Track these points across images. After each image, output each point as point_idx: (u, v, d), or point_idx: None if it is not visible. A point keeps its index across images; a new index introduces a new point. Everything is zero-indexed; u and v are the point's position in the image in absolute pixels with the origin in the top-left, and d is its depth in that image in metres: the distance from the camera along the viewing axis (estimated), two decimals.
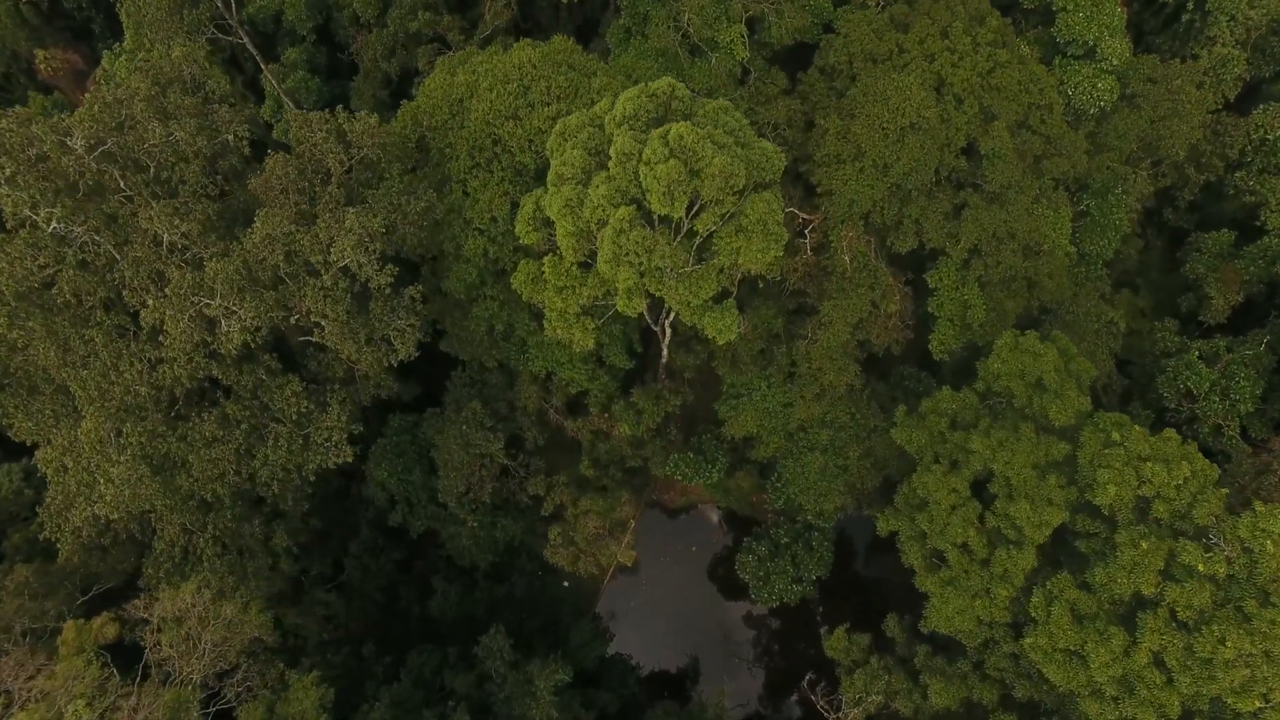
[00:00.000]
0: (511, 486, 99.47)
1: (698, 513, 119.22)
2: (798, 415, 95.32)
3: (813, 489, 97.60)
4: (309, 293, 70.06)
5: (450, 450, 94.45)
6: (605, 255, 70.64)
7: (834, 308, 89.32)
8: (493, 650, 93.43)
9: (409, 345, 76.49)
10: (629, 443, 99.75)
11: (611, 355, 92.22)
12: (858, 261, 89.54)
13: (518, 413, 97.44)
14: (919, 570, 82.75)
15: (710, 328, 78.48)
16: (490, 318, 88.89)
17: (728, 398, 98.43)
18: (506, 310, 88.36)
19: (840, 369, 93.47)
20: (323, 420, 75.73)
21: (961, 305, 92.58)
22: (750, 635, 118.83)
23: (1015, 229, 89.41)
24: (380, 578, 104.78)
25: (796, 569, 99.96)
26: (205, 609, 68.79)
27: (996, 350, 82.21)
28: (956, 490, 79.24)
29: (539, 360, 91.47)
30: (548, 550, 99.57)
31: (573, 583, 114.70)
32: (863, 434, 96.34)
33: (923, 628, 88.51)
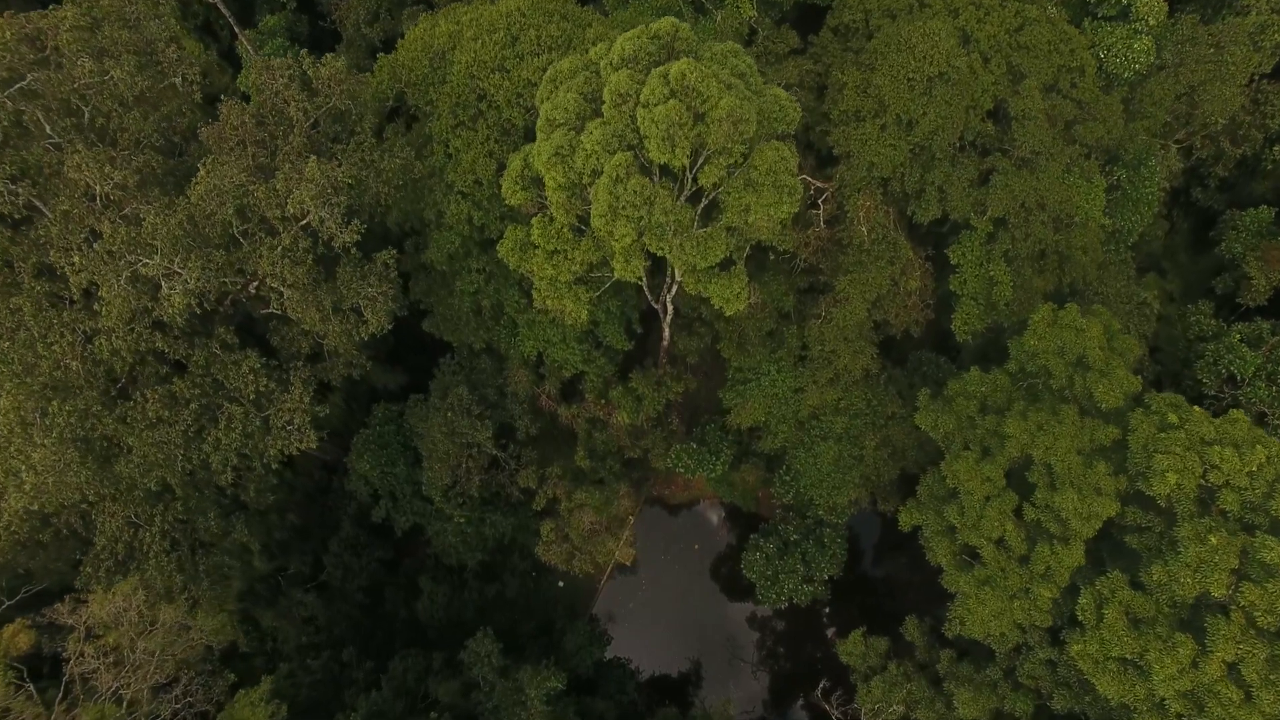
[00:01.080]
0: (501, 479, 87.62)
1: (700, 509, 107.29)
2: (809, 402, 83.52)
3: (826, 481, 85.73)
4: (265, 254, 58.27)
5: (434, 439, 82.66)
6: (599, 208, 59.10)
7: (851, 282, 77.57)
8: (480, 655, 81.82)
9: (380, 315, 64.68)
10: (627, 432, 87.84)
11: (608, 334, 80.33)
12: (876, 233, 77.82)
13: (508, 400, 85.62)
14: (949, 569, 70.76)
15: (717, 296, 66.84)
16: (476, 292, 77.03)
17: (734, 384, 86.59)
18: (493, 285, 76.57)
19: (856, 351, 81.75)
20: (283, 401, 63.80)
21: (986, 283, 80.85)
22: (754, 638, 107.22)
23: (1046, 198, 77.74)
24: (363, 577, 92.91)
25: (807, 568, 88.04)
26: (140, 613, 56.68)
27: (1033, 326, 70.42)
28: (991, 479, 67.37)
29: (529, 341, 79.61)
30: (540, 547, 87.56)
31: (568, 583, 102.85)
32: (880, 421, 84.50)
33: (947, 631, 76.81)
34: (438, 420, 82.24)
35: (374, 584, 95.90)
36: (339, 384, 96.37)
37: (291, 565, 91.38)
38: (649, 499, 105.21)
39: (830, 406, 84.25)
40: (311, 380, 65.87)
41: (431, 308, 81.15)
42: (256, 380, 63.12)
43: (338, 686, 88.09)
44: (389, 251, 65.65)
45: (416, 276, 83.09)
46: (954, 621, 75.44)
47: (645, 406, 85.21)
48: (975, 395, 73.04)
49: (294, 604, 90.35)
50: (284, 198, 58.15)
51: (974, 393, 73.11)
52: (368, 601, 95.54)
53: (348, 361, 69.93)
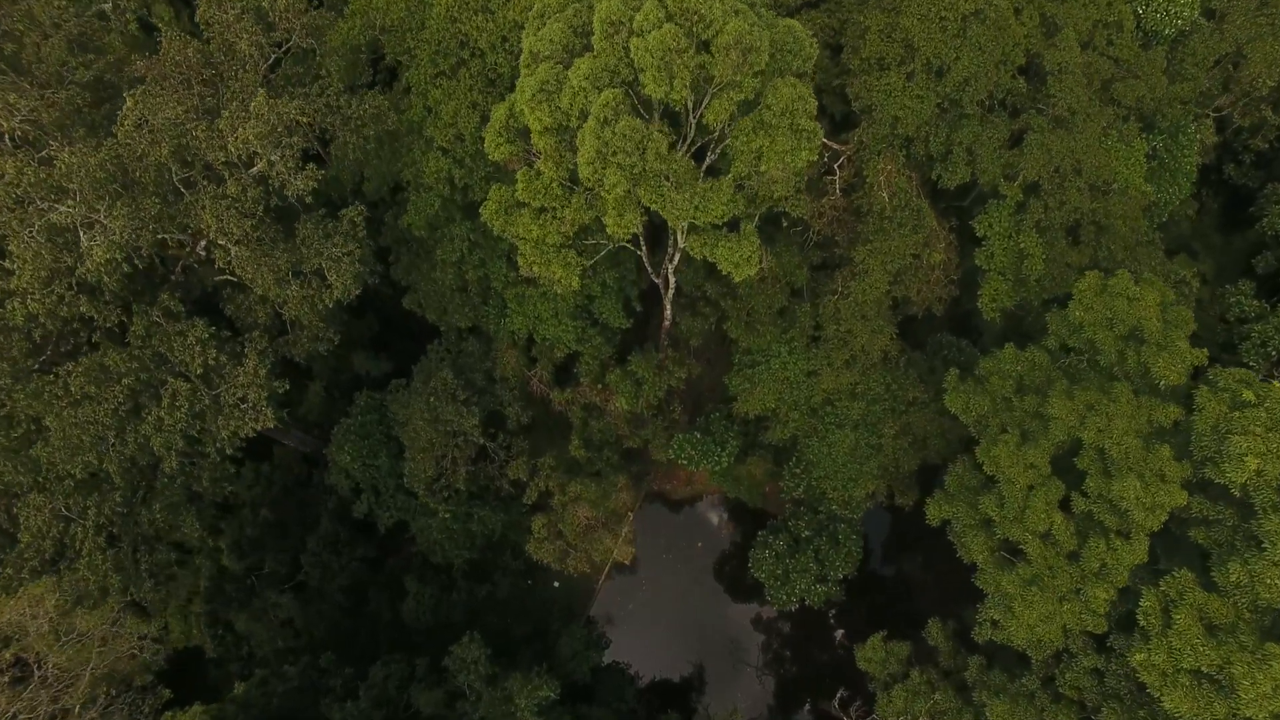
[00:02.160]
0: (490, 471, 76.68)
1: (703, 505, 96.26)
2: (824, 386, 72.61)
3: (841, 472, 74.81)
4: (208, 204, 47.42)
5: (416, 428, 71.80)
6: (586, 154, 48.59)
7: (871, 253, 66.73)
8: (466, 662, 70.93)
9: (346, 279, 53.86)
10: (626, 421, 76.89)
11: (604, 311, 69.42)
12: (898, 199, 67.03)
13: (497, 385, 74.75)
14: (987, 567, 59.75)
15: (725, 260, 56.16)
16: (459, 263, 66.20)
17: (741, 367, 75.65)
18: (478, 254, 65.74)
19: (874, 330, 70.91)
20: (236, 376, 52.87)
21: (1016, 256, 70.13)
22: (759, 640, 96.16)
23: (1082, 162, 67.06)
24: (343, 577, 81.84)
25: (820, 566, 76.94)
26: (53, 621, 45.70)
27: (1079, 295, 59.63)
28: (1035, 465, 56.47)
29: (519, 317, 68.74)
30: (531, 544, 76.52)
31: (564, 583, 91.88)
32: (900, 407, 73.60)
33: (977, 636, 65.86)
34: (420, 406, 71.45)
35: (356, 584, 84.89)
36: (320, 372, 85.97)
37: (267, 564, 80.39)
38: (649, 494, 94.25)
39: (846, 391, 73.38)
40: (270, 354, 55.12)
41: (413, 283, 70.25)
42: (205, 352, 52.29)
43: (316, 694, 77.12)
44: (356, 208, 54.94)
45: (398, 253, 72.29)
46: (984, 625, 64.62)
47: (645, 392, 74.31)
48: (1010, 374, 62.26)
49: (268, 605, 79.37)
50: (228, 138, 47.27)
51: (1009, 371, 62.34)
52: (349, 603, 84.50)
53: (313, 335, 59.05)
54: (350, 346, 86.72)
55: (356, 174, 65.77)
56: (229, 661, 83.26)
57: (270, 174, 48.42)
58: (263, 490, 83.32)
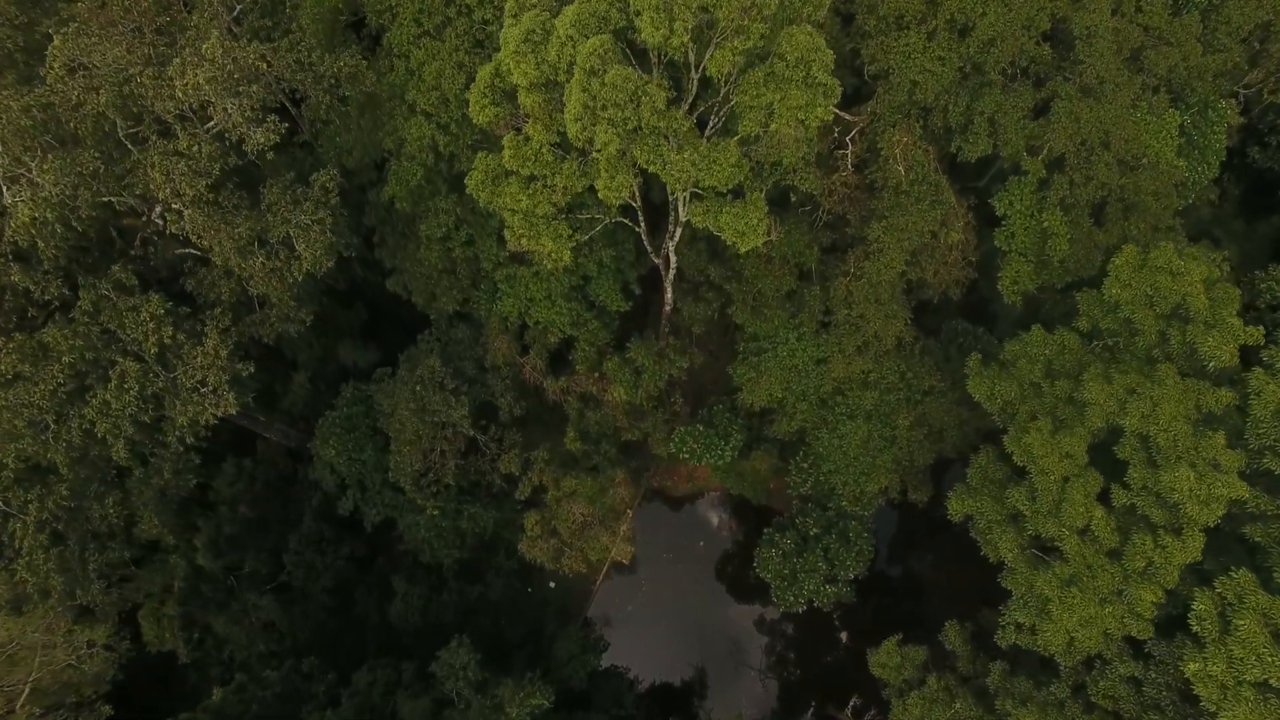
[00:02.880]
0: (481, 466, 69.86)
1: (705, 502, 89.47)
2: (835, 374, 65.79)
3: (852, 466, 67.99)
4: (156, 159, 40.63)
5: (402, 418, 65.09)
6: (573, 109, 41.99)
7: (887, 229, 59.95)
8: (454, 668, 64.13)
9: (316, 249, 47.15)
10: (624, 412, 69.99)
11: (601, 292, 62.60)
12: (915, 173, 60.27)
13: (489, 374, 67.96)
14: (1017, 566, 52.88)
15: (730, 229, 49.42)
16: (445, 239, 59.46)
17: (746, 355, 68.80)
18: (465, 230, 58.98)
19: (888, 315, 64.17)
20: (194, 357, 46.00)
21: (1039, 236, 63.33)
22: (763, 642, 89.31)
23: (1110, 135, 60.38)
24: (327, 577, 75.08)
25: (830, 566, 70.02)
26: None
27: (1115, 271, 52.91)
28: (1071, 455, 49.68)
29: (510, 299, 61.92)
30: (524, 542, 69.61)
31: (559, 584, 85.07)
32: (915, 397, 66.81)
33: (1000, 640, 59.03)
34: (405, 395, 64.73)
35: (343, 584, 78.20)
36: (305, 363, 79.29)
37: (247, 564, 73.58)
38: (649, 491, 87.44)
39: (858, 380, 66.58)
40: (233, 333, 48.14)
41: (398, 264, 63.49)
42: (160, 330, 45.53)
43: (299, 700, 70.31)
44: (328, 172, 48.19)
45: (382, 233, 65.56)
46: (1007, 628, 57.83)
47: (645, 381, 67.49)
48: (1038, 358, 55.49)
49: (248, 607, 72.60)
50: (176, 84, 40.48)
51: (1037, 355, 55.63)
52: (336, 604, 77.73)
53: (284, 314, 52.14)
54: (337, 336, 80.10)
55: (337, 149, 59.00)
56: (209, 666, 76.48)
57: (227, 128, 41.62)
58: (244, 486, 76.56)
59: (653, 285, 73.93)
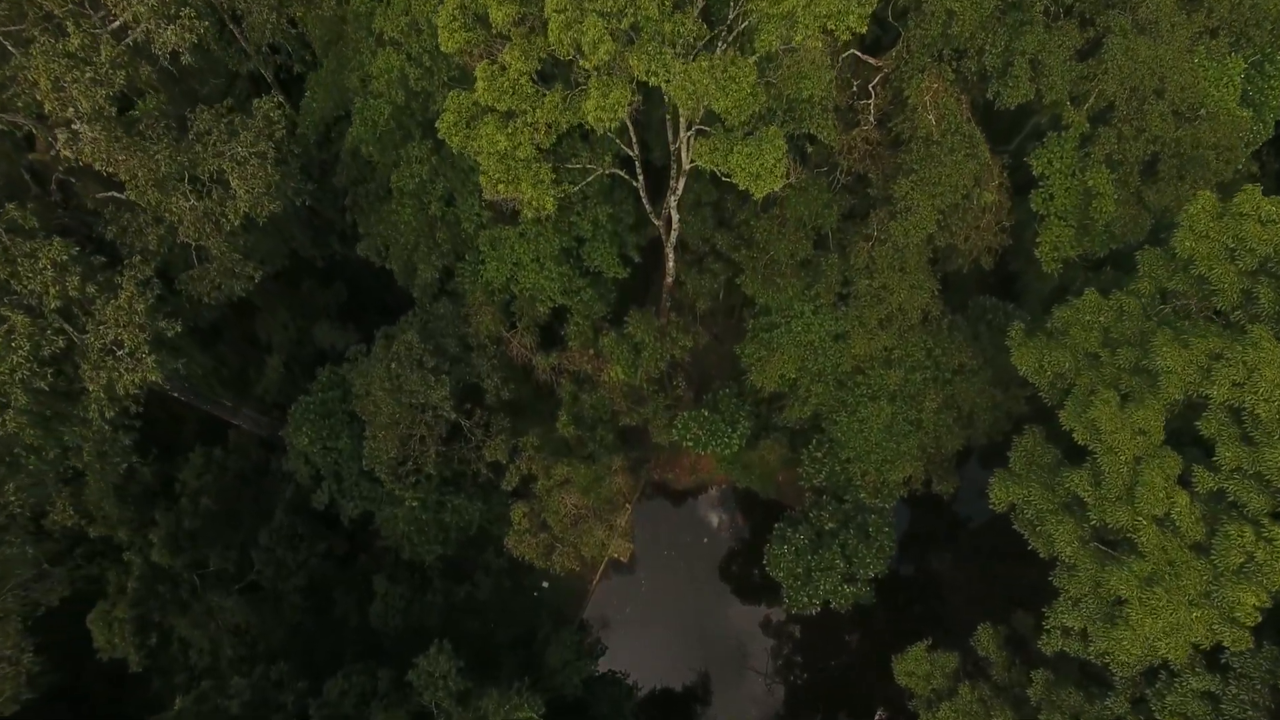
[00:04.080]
0: (466, 453, 60.33)
1: (709, 496, 79.65)
2: (854, 351, 56.26)
3: (875, 453, 58.37)
4: (39, 61, 31.14)
5: (377, 400, 55.57)
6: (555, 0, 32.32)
7: (916, 185, 50.52)
8: (433, 676, 54.53)
9: (255, 185, 37.82)
10: (622, 394, 60.34)
11: (597, 256, 53.00)
12: (947, 122, 50.90)
13: (474, 353, 58.39)
14: (1080, 562, 43.15)
15: (742, 169, 39.99)
16: (419, 192, 49.89)
17: (756, 331, 59.25)
18: (441, 184, 49.48)
19: (914, 286, 54.80)
20: (105, 312, 36.40)
21: (1081, 197, 54.06)
22: (769, 645, 79.38)
23: (1166, 81, 51.08)
24: (300, 576, 65.37)
25: (848, 564, 60.35)
26: None
27: (1188, 220, 43.35)
28: (1145, 431, 40.13)
29: (494, 263, 52.32)
30: (511, 537, 59.90)
31: (553, 584, 75.42)
32: (944, 376, 57.28)
33: (1044, 647, 49.50)
34: (379, 374, 55.17)
35: (320, 584, 68.51)
36: (279, 346, 69.79)
37: (211, 561, 63.86)
38: (649, 485, 77.74)
39: (879, 358, 57.08)
40: (155, 286, 38.50)
41: (369, 226, 54.03)
42: (64, 279, 35.86)
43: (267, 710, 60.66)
44: (271, 99, 38.69)
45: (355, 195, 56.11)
46: (1052, 633, 48.36)
47: (645, 360, 57.92)
48: (1093, 325, 45.94)
49: (211, 609, 62.91)
50: None
51: (1091, 322, 46.02)
52: (312, 605, 68.01)
53: (225, 269, 42.47)
54: (313, 317, 70.57)
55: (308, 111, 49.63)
56: (174, 672, 66.69)
57: (130, 21, 32.21)
58: (213, 478, 66.92)
59: (653, 261, 64.51)
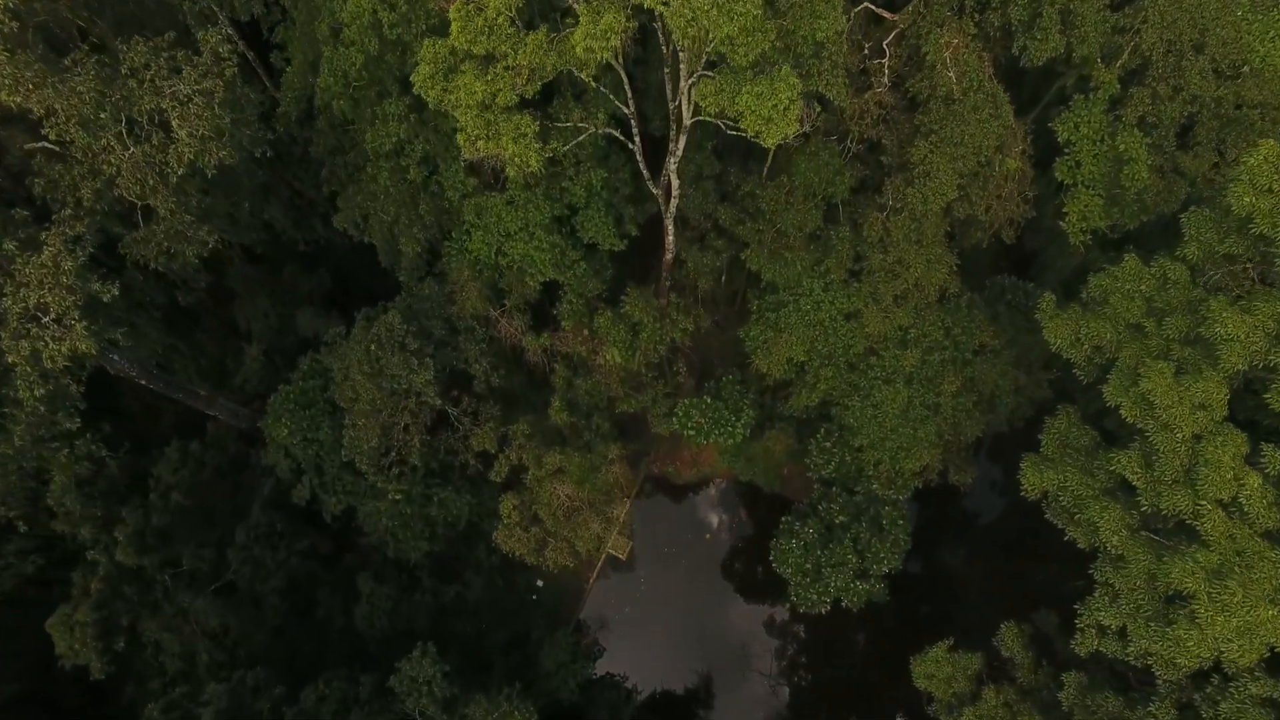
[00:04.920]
0: (454, 443, 54.63)
1: (711, 490, 73.89)
2: (868, 329, 50.56)
3: (890, 439, 52.64)
4: None
5: (356, 385, 49.90)
6: None
7: (937, 146, 44.94)
8: (416, 682, 48.84)
9: (202, 127, 31.71)
10: (620, 379, 54.59)
11: (591, 226, 47.24)
12: (969, 80, 45.34)
13: (460, 336, 52.68)
14: (1129, 553, 37.31)
15: (752, 113, 34.41)
16: (397, 153, 44.19)
17: (762, 312, 53.55)
18: (422, 145, 43.82)
19: (932, 260, 49.20)
20: (26, 271, 30.66)
21: (1111, 164, 48.51)
22: (774, 646, 73.49)
23: (1207, 35, 45.61)
24: (279, 576, 59.53)
25: (861, 559, 54.61)
26: None
27: (1248, 173, 37.52)
28: (1206, 405, 34.44)
29: (479, 233, 46.59)
30: (500, 532, 54.05)
31: (549, 583, 69.64)
32: (965, 357, 51.62)
33: (1078, 648, 43.77)
34: (358, 357, 49.48)
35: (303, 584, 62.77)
36: (260, 334, 64.14)
37: (185, 560, 58.05)
38: (648, 479, 72.00)
39: (895, 338, 51.39)
40: (87, 243, 32.75)
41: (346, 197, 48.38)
42: None
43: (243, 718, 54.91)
44: (217, 31, 32.99)
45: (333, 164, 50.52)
46: (1087, 631, 42.64)
47: (643, 341, 52.22)
48: (1135, 294, 40.35)
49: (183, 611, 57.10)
50: None
51: (1133, 291, 40.43)
52: (294, 607, 62.22)
53: (174, 231, 36.65)
54: (296, 305, 64.93)
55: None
56: (148, 678, 60.92)
57: None
58: (190, 473, 61.18)
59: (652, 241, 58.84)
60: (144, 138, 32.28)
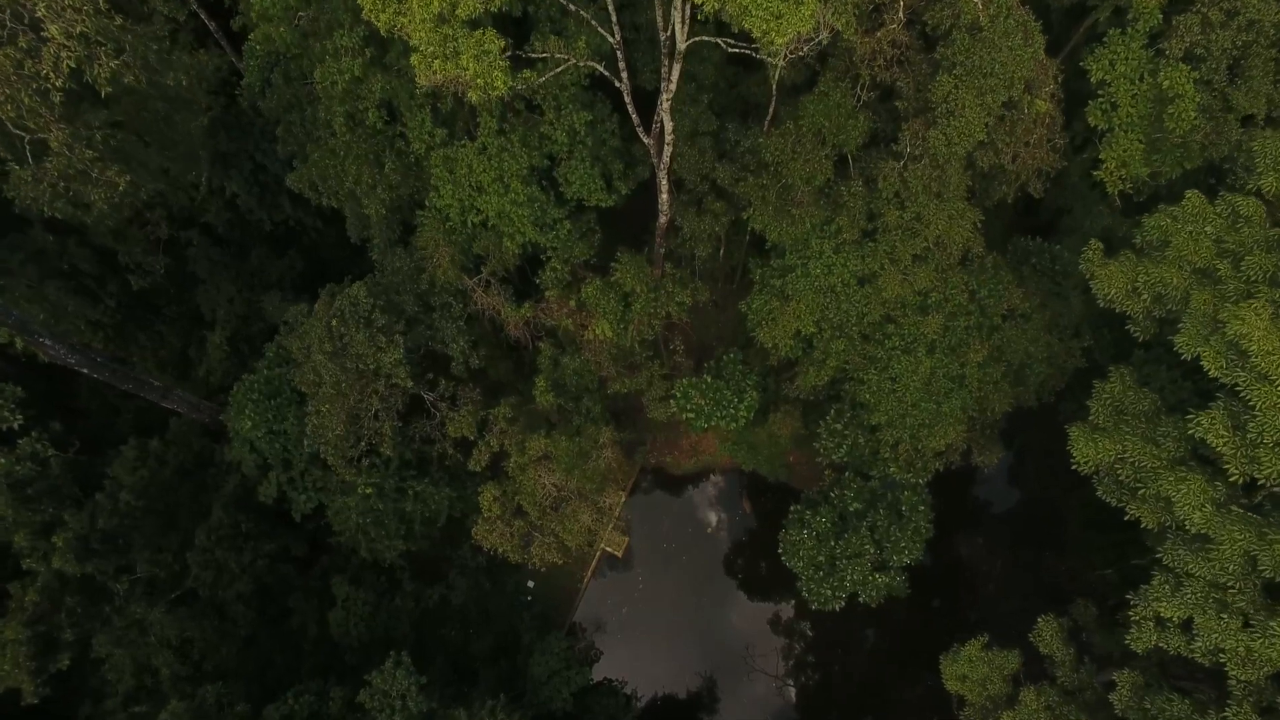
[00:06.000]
0: (430, 431, 47.36)
1: (712, 482, 66.61)
2: (886, 293, 43.33)
3: (912, 415, 45.39)
4: None
5: (318, 366, 42.67)
6: None
7: (963, 78, 37.89)
8: (388, 696, 41.67)
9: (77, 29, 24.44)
10: (611, 356, 47.26)
11: (574, 177, 39.93)
12: (996, 5, 38.34)
13: (435, 314, 45.40)
14: (1224, 532, 30.09)
15: (759, 7, 27.01)
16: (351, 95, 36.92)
17: (766, 280, 46.39)
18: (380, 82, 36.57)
19: (955, 215, 42.08)
20: None
21: (1154, 103, 41.55)
22: (781, 645, 66.15)
23: None
24: (245, 581, 52.11)
25: (879, 550, 47.34)
26: None
27: None
28: None
29: (448, 187, 39.32)
30: (479, 526, 46.66)
31: (540, 583, 62.30)
32: (992, 322, 44.50)
33: (1134, 643, 36.67)
34: (319, 335, 42.24)
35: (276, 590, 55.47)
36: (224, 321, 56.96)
37: (139, 567, 50.60)
38: (645, 470, 64.72)
39: (914, 303, 44.20)
40: None
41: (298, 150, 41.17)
42: None
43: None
44: None
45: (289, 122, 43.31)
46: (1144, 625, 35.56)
47: (636, 313, 44.95)
48: (1202, 235, 33.29)
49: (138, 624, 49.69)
50: None
51: (1197, 232, 33.38)
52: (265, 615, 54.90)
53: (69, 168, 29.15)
54: (263, 289, 57.77)
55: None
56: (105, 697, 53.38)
57: None
58: (150, 472, 53.82)
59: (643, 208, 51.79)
60: (5, 39, 25.07)
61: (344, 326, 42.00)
